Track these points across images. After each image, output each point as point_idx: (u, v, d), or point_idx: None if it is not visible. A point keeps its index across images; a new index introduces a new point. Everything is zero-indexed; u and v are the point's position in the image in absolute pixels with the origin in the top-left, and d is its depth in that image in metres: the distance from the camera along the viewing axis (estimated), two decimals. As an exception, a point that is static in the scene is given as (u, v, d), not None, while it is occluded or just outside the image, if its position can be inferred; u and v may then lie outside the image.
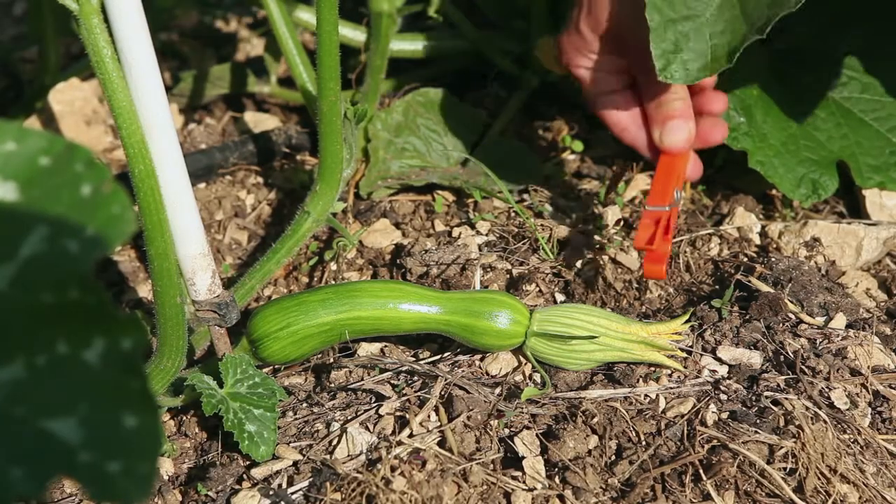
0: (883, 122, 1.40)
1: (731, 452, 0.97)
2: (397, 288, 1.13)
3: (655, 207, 1.12)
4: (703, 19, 1.08)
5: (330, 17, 1.11)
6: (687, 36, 1.09)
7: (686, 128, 1.20)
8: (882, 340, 1.14)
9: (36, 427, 0.50)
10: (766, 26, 1.06)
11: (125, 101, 0.91)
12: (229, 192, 1.54)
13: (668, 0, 1.09)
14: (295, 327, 1.10)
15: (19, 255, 0.52)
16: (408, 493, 0.93)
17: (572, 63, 1.24)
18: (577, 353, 1.08)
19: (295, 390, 1.15)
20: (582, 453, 0.99)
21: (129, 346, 0.52)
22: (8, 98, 1.84)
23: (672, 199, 1.14)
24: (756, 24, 1.07)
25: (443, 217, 1.42)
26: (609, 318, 1.09)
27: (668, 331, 1.09)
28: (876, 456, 1.00)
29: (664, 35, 1.09)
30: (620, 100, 1.24)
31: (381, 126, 1.48)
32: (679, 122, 1.20)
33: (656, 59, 1.10)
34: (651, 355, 1.08)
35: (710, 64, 1.09)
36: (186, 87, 1.70)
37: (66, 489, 1.05)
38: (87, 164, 0.54)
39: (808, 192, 1.36)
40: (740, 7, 1.08)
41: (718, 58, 1.09)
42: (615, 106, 1.24)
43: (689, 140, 1.21)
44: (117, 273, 1.41)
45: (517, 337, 1.10)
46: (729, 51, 1.09)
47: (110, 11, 0.93)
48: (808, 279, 1.21)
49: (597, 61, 1.23)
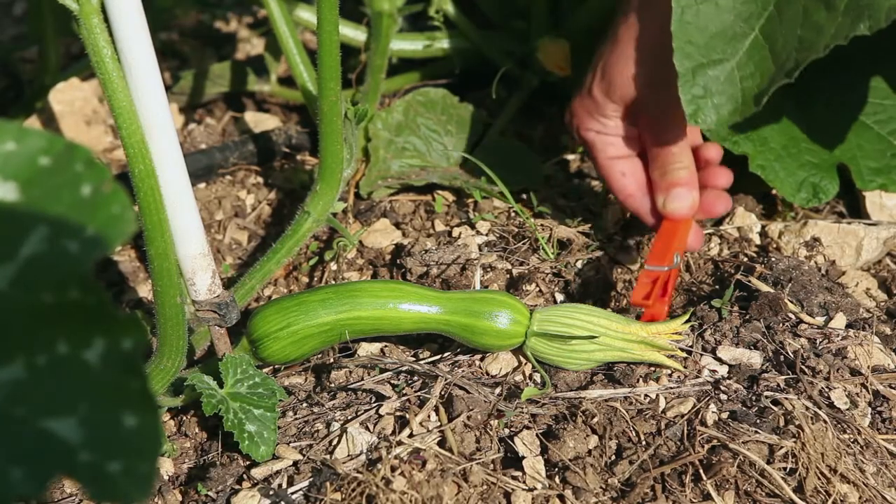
0: (884, 124, 1.40)
1: (731, 452, 0.97)
2: (397, 288, 1.13)
3: (654, 267, 1.13)
4: (733, 62, 1.08)
5: (331, 16, 1.11)
6: (717, 79, 1.08)
7: (690, 196, 1.21)
8: (882, 340, 1.14)
9: (36, 427, 0.50)
10: (795, 69, 1.05)
11: (125, 101, 0.91)
12: (229, 192, 1.54)
13: (698, 45, 1.08)
14: (295, 327, 1.10)
15: (19, 255, 0.52)
16: (408, 493, 0.93)
17: (583, 126, 1.26)
18: (577, 353, 1.08)
19: (295, 390, 1.15)
20: (582, 453, 0.99)
21: (129, 346, 0.52)
22: (8, 98, 1.85)
23: (671, 261, 1.14)
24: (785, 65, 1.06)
25: (443, 217, 1.42)
26: (609, 318, 1.09)
27: (668, 331, 1.09)
28: (876, 456, 1.00)
29: (693, 80, 1.08)
30: (628, 166, 1.25)
31: (382, 125, 1.48)
32: (683, 189, 1.21)
33: (686, 105, 1.09)
34: (651, 355, 1.08)
35: (741, 107, 1.08)
36: (186, 85, 1.70)
37: (66, 489, 1.05)
38: (87, 164, 0.54)
39: (809, 195, 1.36)
40: (769, 48, 1.07)
41: (748, 101, 1.08)
42: (622, 171, 1.25)
43: (692, 207, 1.22)
44: (117, 273, 1.41)
45: (517, 337, 1.10)
46: (759, 93, 1.07)
47: (110, 11, 0.93)
48: (808, 279, 1.21)
49: (607, 126, 1.24)
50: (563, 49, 1.57)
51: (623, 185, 1.25)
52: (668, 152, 1.20)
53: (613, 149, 1.25)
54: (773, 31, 1.07)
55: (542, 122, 1.67)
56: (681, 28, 1.08)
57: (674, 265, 1.14)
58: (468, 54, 1.67)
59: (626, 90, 1.19)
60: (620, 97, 1.20)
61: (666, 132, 1.20)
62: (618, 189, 1.25)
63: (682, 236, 1.20)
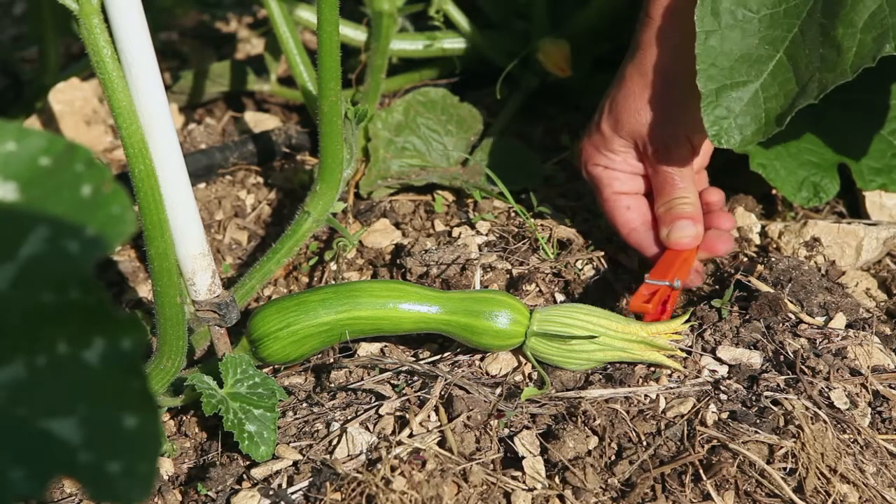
0: (885, 124, 1.40)
1: (731, 452, 0.97)
2: (397, 288, 1.13)
3: (655, 281, 1.13)
4: (757, 84, 1.08)
5: (331, 17, 1.11)
6: (741, 100, 1.08)
7: (694, 228, 1.21)
8: (882, 340, 1.14)
9: (36, 427, 0.50)
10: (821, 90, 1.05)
11: (125, 100, 0.91)
12: (229, 192, 1.54)
13: (722, 68, 1.08)
14: (295, 327, 1.10)
15: (20, 256, 0.52)
16: (408, 493, 0.93)
17: (591, 161, 1.26)
18: (576, 352, 1.08)
19: (295, 390, 1.15)
20: (582, 453, 0.99)
21: (129, 346, 0.52)
22: (8, 98, 1.84)
23: (672, 280, 1.14)
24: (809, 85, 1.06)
25: (443, 217, 1.42)
26: (609, 318, 1.09)
27: (668, 331, 1.09)
28: (876, 456, 1.00)
29: (717, 102, 1.08)
30: (633, 202, 1.26)
31: (382, 125, 1.48)
32: (688, 222, 1.21)
33: (709, 126, 1.09)
34: (651, 355, 1.08)
35: (764, 127, 1.09)
36: (186, 85, 1.70)
37: (66, 489, 1.05)
38: (87, 164, 0.54)
39: (810, 195, 1.36)
40: (793, 69, 1.07)
41: (771, 121, 1.08)
42: (627, 206, 1.25)
43: (696, 238, 1.22)
44: (117, 273, 1.41)
45: (517, 337, 1.10)
46: (781, 113, 1.08)
47: (110, 11, 0.93)
48: (808, 279, 1.21)
49: (614, 161, 1.25)
50: (563, 50, 1.57)
51: (627, 220, 1.25)
52: (673, 188, 1.21)
53: (619, 183, 1.25)
54: (796, 52, 1.07)
55: (542, 122, 1.67)
56: (705, 52, 1.09)
57: (675, 285, 1.13)
58: (468, 54, 1.67)
59: (633, 125, 1.21)
60: (628, 132, 1.21)
61: (672, 167, 1.21)
62: (622, 223, 1.25)
63: (684, 264, 1.19)
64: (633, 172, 1.25)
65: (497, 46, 1.65)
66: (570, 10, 1.64)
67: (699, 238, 1.22)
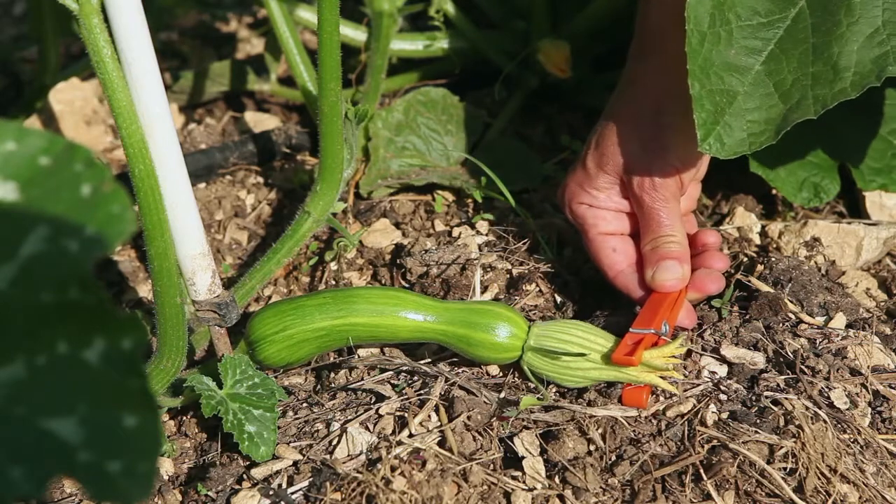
0: (884, 124, 1.40)
1: (731, 452, 0.97)
2: (395, 295, 1.12)
3: (639, 330, 1.09)
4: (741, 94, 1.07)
5: (331, 17, 1.11)
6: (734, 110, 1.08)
7: (680, 269, 1.16)
8: (882, 340, 1.14)
9: (36, 427, 0.50)
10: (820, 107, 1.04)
11: (125, 100, 0.91)
12: (229, 192, 1.54)
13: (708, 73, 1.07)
14: (291, 331, 1.10)
15: (19, 255, 0.52)
16: (408, 493, 0.93)
17: (574, 200, 1.23)
18: (572, 370, 1.07)
19: (295, 390, 1.15)
20: (582, 453, 0.99)
21: (129, 346, 0.52)
22: (8, 98, 1.85)
23: (659, 326, 1.10)
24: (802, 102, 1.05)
25: (443, 217, 1.42)
26: (606, 338, 1.08)
27: (664, 355, 1.06)
28: (876, 456, 1.00)
29: (704, 105, 1.07)
30: (619, 243, 1.21)
31: (382, 125, 1.48)
32: (673, 262, 1.16)
33: (698, 127, 1.08)
34: (646, 376, 1.05)
35: (749, 139, 1.08)
36: (186, 84, 1.70)
37: (66, 489, 1.05)
38: (87, 164, 0.54)
39: (810, 195, 1.36)
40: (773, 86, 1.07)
41: (756, 133, 1.07)
42: (613, 247, 1.21)
43: (681, 281, 1.16)
44: (117, 273, 1.41)
45: (514, 351, 1.09)
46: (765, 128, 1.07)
47: (110, 11, 0.93)
48: (808, 279, 1.21)
49: (598, 199, 1.21)
50: (563, 51, 1.57)
51: (613, 262, 1.20)
52: (660, 225, 1.17)
53: (605, 223, 1.21)
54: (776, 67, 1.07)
55: (542, 122, 1.67)
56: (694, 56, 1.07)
57: (661, 332, 1.09)
58: (468, 54, 1.67)
59: (619, 160, 1.18)
60: (613, 167, 1.19)
61: (658, 203, 1.17)
62: (608, 265, 1.21)
63: (671, 308, 1.14)
64: (619, 210, 1.21)
65: (497, 46, 1.65)
66: (570, 10, 1.65)
67: (685, 280, 1.17)
